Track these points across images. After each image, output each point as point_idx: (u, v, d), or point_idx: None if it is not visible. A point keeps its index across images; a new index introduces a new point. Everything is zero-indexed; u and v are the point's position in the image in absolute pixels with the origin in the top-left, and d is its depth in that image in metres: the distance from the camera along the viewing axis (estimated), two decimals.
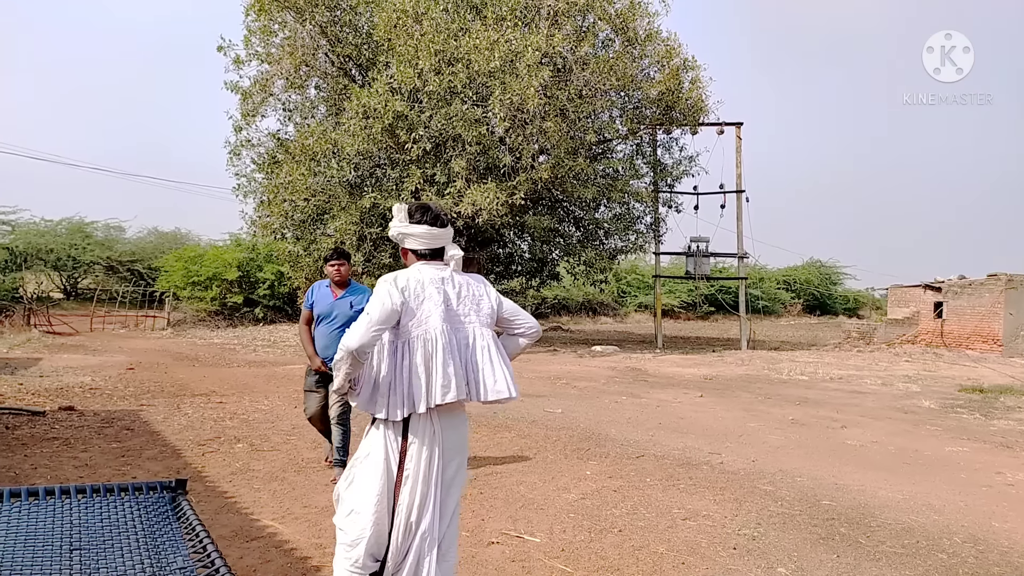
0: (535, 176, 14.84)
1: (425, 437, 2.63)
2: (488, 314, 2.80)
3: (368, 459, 2.67)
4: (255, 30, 16.53)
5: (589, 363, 14.84)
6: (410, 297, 2.66)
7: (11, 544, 2.62)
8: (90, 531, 2.82)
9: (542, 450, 6.61)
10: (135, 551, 2.68)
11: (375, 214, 15.48)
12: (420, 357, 2.61)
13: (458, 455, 2.75)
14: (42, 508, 2.99)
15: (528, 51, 14.19)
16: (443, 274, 2.77)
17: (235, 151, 17.09)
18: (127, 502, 3.19)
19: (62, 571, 2.47)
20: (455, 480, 2.74)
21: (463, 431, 2.80)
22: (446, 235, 2.84)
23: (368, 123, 14.33)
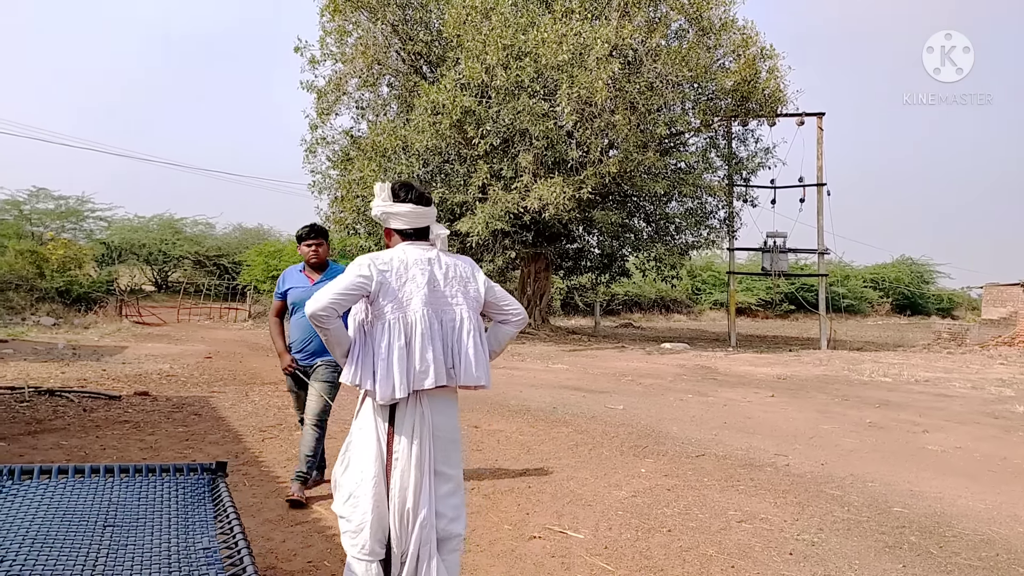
0: (603, 170, 14.63)
1: (413, 421, 2.55)
2: (475, 297, 2.69)
3: (360, 441, 2.60)
4: (330, 31, 16.92)
5: (657, 360, 14.53)
6: (392, 277, 2.57)
7: (49, 518, 2.71)
8: (126, 509, 2.89)
9: (598, 446, 6.47)
10: (165, 530, 2.73)
11: (443, 209, 15.58)
12: (401, 341, 2.53)
13: (449, 440, 2.65)
14: (86, 485, 3.08)
15: (597, 44, 14.00)
16: (429, 254, 2.67)
17: (311, 149, 17.55)
18: (167, 482, 3.26)
19: (92, 546, 2.53)
20: (448, 463, 2.64)
21: (453, 415, 2.70)
22: (430, 214, 2.75)
23: (437, 119, 14.44)
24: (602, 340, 18.19)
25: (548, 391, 9.67)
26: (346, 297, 2.51)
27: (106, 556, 2.43)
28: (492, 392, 9.30)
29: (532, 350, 15.06)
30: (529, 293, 18.49)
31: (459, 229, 14.65)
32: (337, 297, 2.49)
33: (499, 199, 14.23)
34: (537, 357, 13.93)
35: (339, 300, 2.50)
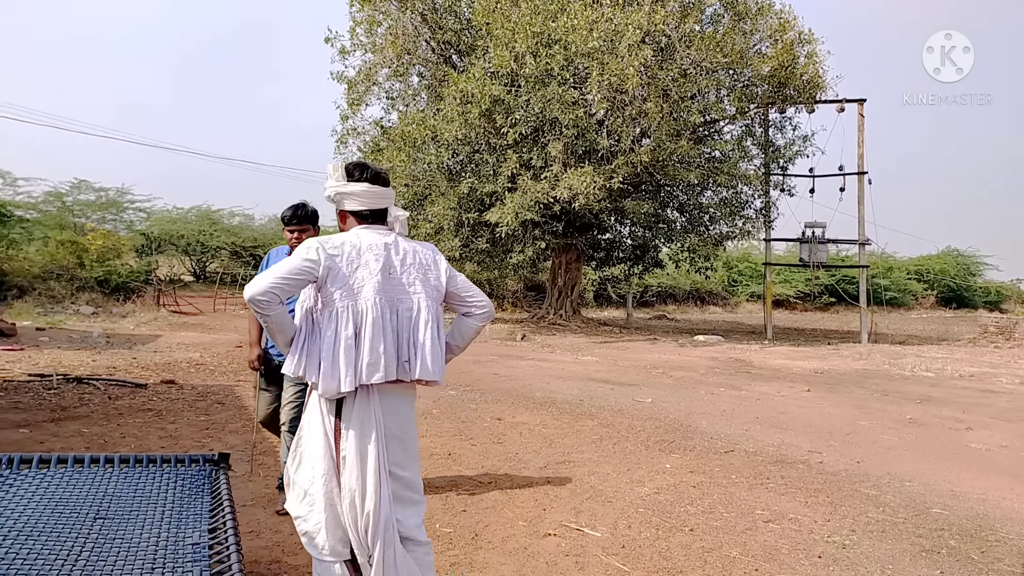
0: (634, 159, 14.35)
1: (363, 416, 2.37)
2: (435, 286, 2.53)
3: (310, 437, 2.43)
4: (360, 21, 16.90)
5: (690, 353, 14.25)
6: (342, 262, 2.39)
7: (40, 508, 2.64)
8: (120, 501, 2.81)
9: (622, 440, 6.29)
10: (156, 523, 2.64)
11: (473, 199, 15.48)
12: (348, 330, 2.35)
13: (401, 439, 2.45)
14: (83, 476, 3.01)
15: (629, 30, 13.71)
16: (386, 239, 2.49)
17: (342, 139, 17.58)
18: (167, 473, 3.18)
19: (79, 538, 2.44)
20: (400, 464, 2.45)
21: (408, 412, 2.51)
22: (388, 195, 2.55)
23: (466, 108, 14.31)
24: (634, 332, 17.93)
25: (576, 383, 9.51)
26: (289, 282, 2.33)
27: (91, 550, 2.35)
28: (518, 384, 9.17)
29: (562, 341, 14.89)
30: (560, 284, 18.31)
31: (488, 219, 14.53)
32: (279, 282, 2.31)
33: (529, 189, 14.06)
34: (567, 349, 13.76)
35: (280, 285, 2.32)
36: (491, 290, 22.62)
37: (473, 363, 11.00)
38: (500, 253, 16.85)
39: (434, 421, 6.67)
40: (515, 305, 22.38)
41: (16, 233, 20.88)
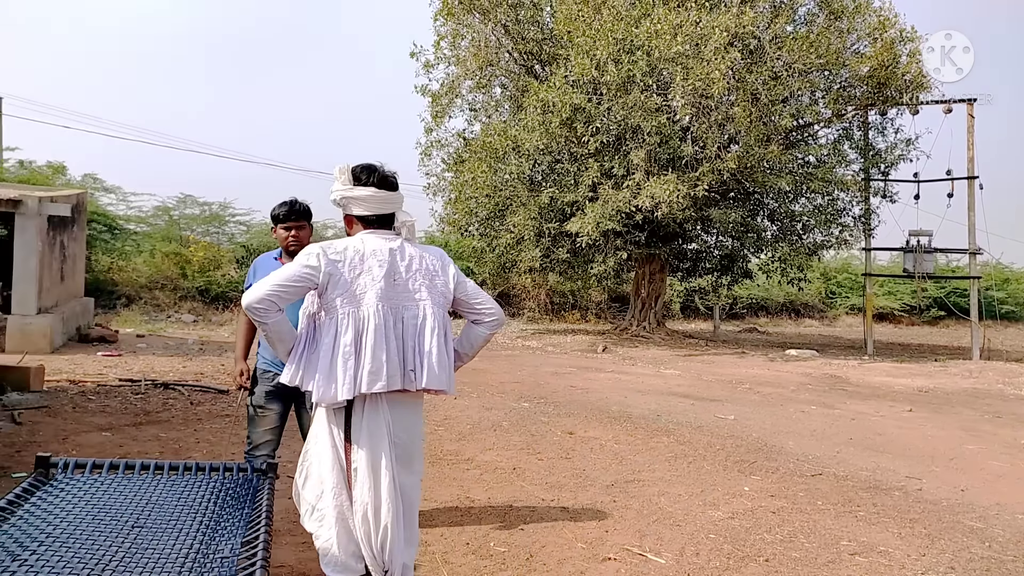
0: (720, 167, 13.85)
1: (372, 426, 2.31)
2: (442, 292, 2.44)
3: (317, 449, 2.38)
4: (444, 34, 17.10)
5: (780, 368, 13.57)
6: (344, 268, 2.33)
7: (81, 515, 2.64)
8: (160, 509, 2.78)
9: (699, 459, 5.97)
10: (192, 534, 2.59)
11: (553, 209, 15.32)
12: (350, 337, 2.28)
13: (411, 449, 2.40)
14: (131, 482, 3.03)
15: (715, 33, 13.28)
16: (391, 244, 2.42)
17: (426, 152, 17.82)
18: (213, 482, 3.15)
19: (111, 547, 2.42)
20: (409, 476, 2.40)
21: (416, 421, 2.45)
22: (396, 199, 2.49)
23: (546, 118, 14.21)
24: (721, 345, 17.29)
25: (654, 397, 9.18)
26: (288, 289, 2.29)
27: (120, 559, 2.32)
28: (594, 397, 8.93)
29: (644, 354, 14.51)
30: (643, 295, 17.88)
31: (569, 229, 14.34)
32: (277, 289, 2.27)
33: (610, 198, 13.80)
34: (648, 361, 13.38)
35: (279, 293, 2.28)
36: (574, 301, 22.37)
37: (551, 375, 10.82)
38: (581, 263, 16.61)
39: (503, 434, 6.54)
40: (599, 316, 22.04)
41: (129, 245, 22.22)
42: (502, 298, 21.74)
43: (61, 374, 8.29)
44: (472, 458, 5.60)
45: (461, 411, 7.50)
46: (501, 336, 17.14)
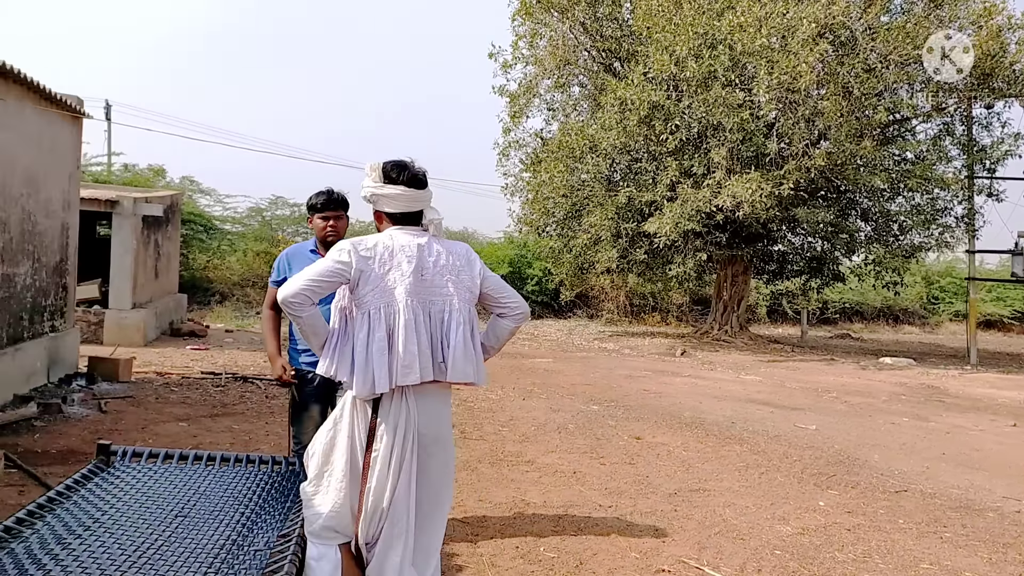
0: (808, 164, 13.25)
1: (397, 417, 2.36)
2: (468, 287, 2.49)
3: (334, 433, 2.45)
4: (522, 34, 17.08)
5: (871, 376, 12.86)
6: (375, 264, 2.38)
7: (131, 502, 2.70)
8: (206, 499, 2.83)
9: (772, 470, 5.69)
10: (232, 525, 2.62)
11: (631, 209, 15.05)
12: (381, 331, 2.34)
13: (438, 441, 2.45)
14: (183, 472, 3.11)
15: (803, 24, 12.73)
16: (419, 240, 2.47)
17: (503, 152, 17.84)
18: (260, 474, 3.20)
19: (152, 534, 2.46)
20: (435, 469, 2.45)
21: (443, 413, 2.50)
22: (425, 197, 2.53)
23: (624, 116, 13.96)
24: (808, 351, 16.55)
25: (731, 404, 8.85)
26: (320, 284, 2.36)
27: (159, 547, 2.35)
28: (667, 401, 8.69)
29: (725, 359, 14.04)
30: (725, 298, 17.31)
31: (646, 230, 14.04)
32: (310, 284, 2.34)
33: (689, 197, 13.41)
34: (729, 366, 12.94)
35: (312, 287, 2.35)
36: (654, 303, 21.93)
37: (624, 378, 10.61)
38: (659, 265, 16.23)
39: (567, 436, 6.43)
40: (680, 319, 21.51)
41: (224, 245, 23.29)
42: (580, 299, 21.56)
43: (150, 366, 8.72)
44: (533, 460, 5.52)
45: (527, 412, 7.44)
46: (577, 338, 16.99)
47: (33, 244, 6.45)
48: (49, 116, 6.73)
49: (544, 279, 20.84)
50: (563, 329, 18.89)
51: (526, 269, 21.57)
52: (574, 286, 19.48)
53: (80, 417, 5.79)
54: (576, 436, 6.47)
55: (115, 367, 7.27)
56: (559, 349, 14.57)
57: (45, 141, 6.67)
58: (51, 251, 6.92)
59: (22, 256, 6.22)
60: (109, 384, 7.07)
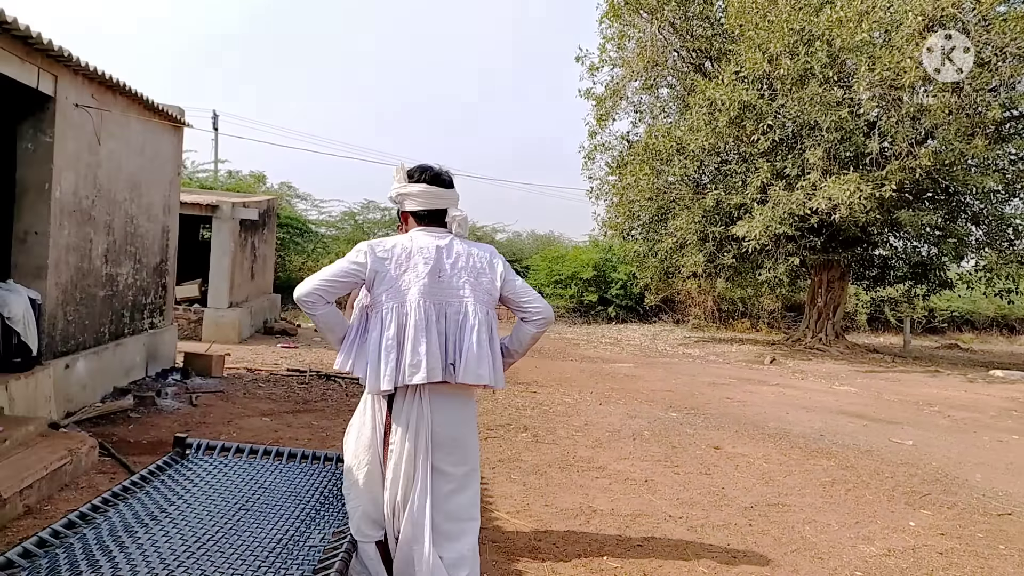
0: (912, 164, 12.51)
1: (410, 415, 2.38)
2: (488, 289, 2.48)
3: (358, 425, 2.53)
4: (610, 36, 16.93)
5: (980, 390, 12.00)
6: (391, 265, 2.42)
7: (198, 494, 2.81)
8: (271, 494, 2.91)
9: (860, 487, 5.39)
10: (291, 520, 2.68)
11: (719, 212, 14.63)
12: (391, 331, 2.36)
13: (455, 442, 2.44)
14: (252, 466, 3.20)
15: (908, 17, 12.05)
16: (439, 242, 2.49)
17: (589, 156, 17.71)
18: (326, 471, 3.28)
19: (214, 527, 2.55)
20: (453, 471, 2.44)
21: (459, 413, 2.47)
22: (448, 196, 2.56)
23: (713, 117, 13.60)
24: (911, 362, 15.61)
25: (821, 415, 8.45)
26: (335, 284, 2.42)
27: (219, 539, 2.43)
28: (751, 411, 8.38)
29: (818, 368, 13.43)
30: (820, 305, 16.56)
31: (735, 233, 13.61)
32: (325, 284, 2.41)
33: (780, 200, 12.91)
34: (822, 376, 12.37)
35: (327, 287, 2.41)
36: (744, 309, 21.24)
37: (707, 385, 10.32)
38: (749, 269, 15.70)
39: (642, 443, 6.29)
40: (771, 326, 20.73)
41: (320, 248, 24.20)
42: (665, 304, 21.15)
43: (242, 362, 9.12)
44: (604, 466, 5.43)
45: (603, 417, 7.33)
46: (661, 343, 16.65)
47: (135, 246, 6.87)
48: (152, 126, 7.15)
49: (628, 283, 20.56)
50: (647, 334, 18.57)
51: (610, 273, 21.35)
52: (659, 290, 19.12)
53: (172, 410, 6.11)
54: (651, 443, 6.32)
55: (208, 363, 7.64)
56: (641, 354, 14.32)
57: (148, 149, 7.10)
58: (152, 252, 7.35)
59: (124, 257, 6.64)
60: (202, 379, 7.43)
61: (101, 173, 6.04)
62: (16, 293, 4.86)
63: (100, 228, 6.08)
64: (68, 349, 5.64)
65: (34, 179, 5.18)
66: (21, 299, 4.85)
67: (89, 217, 5.86)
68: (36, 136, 5.18)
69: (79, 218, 5.68)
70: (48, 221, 5.20)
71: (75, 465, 4.13)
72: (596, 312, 21.44)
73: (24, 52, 4.79)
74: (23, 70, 4.82)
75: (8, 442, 3.98)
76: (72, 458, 4.10)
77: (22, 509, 3.57)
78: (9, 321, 4.76)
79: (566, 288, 21.52)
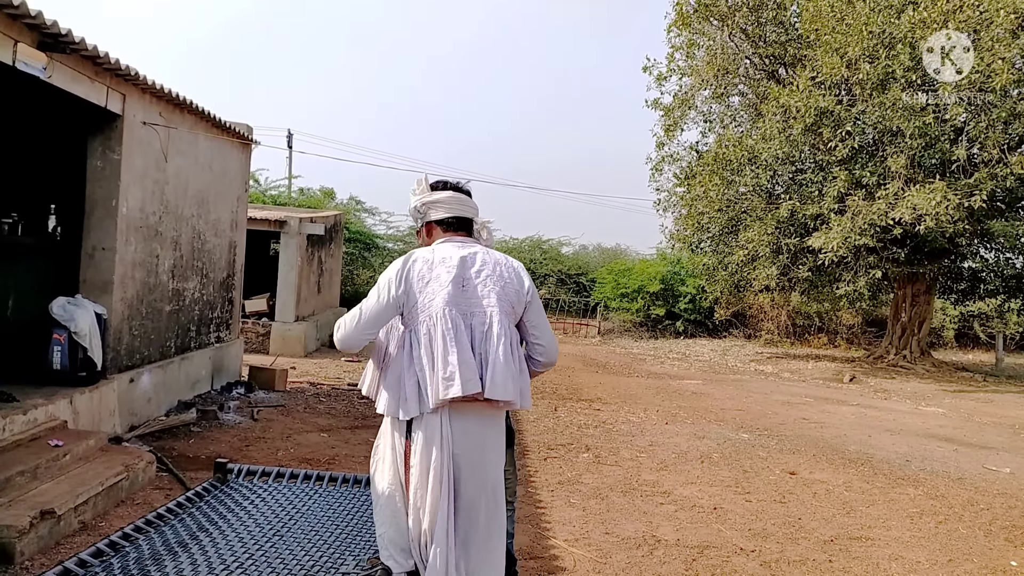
0: (1003, 172, 11.73)
1: (430, 436, 2.17)
2: (512, 301, 2.28)
3: (379, 450, 2.37)
4: (678, 45, 16.57)
5: None
6: (414, 281, 2.26)
7: (231, 520, 2.72)
8: (306, 519, 2.78)
9: (952, 519, 4.94)
10: (323, 546, 2.54)
11: (793, 223, 14.05)
12: (424, 346, 2.19)
13: (481, 465, 2.22)
14: (292, 491, 3.09)
15: (999, 16, 11.33)
16: (463, 252, 2.32)
17: (657, 167, 17.35)
18: (365, 495, 3.13)
19: (246, 552, 2.43)
20: (477, 496, 2.21)
21: (485, 436, 2.24)
22: (473, 204, 2.48)
23: (787, 125, 13.09)
24: (1005, 381, 14.58)
25: (906, 439, 7.91)
26: (375, 328, 2.30)
27: (249, 566, 2.32)
28: (830, 433, 7.91)
29: (902, 387, 12.67)
30: (904, 320, 15.66)
31: (811, 245, 13.01)
32: (366, 327, 2.29)
33: (860, 210, 12.27)
34: (906, 396, 11.65)
35: (371, 333, 2.30)
36: (821, 324, 20.34)
37: (781, 404, 9.83)
38: (826, 283, 14.99)
39: (711, 467, 5.97)
40: (850, 342, 19.77)
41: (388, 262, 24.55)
42: (736, 318, 20.46)
43: (306, 376, 9.19)
44: (670, 491, 5.15)
45: (669, 438, 7.02)
46: (732, 359, 16.08)
47: (202, 261, 6.99)
48: (220, 143, 7.29)
49: (698, 297, 19.99)
50: (717, 349, 17.99)
51: (679, 287, 20.83)
52: (729, 304, 18.53)
53: (233, 424, 6.15)
54: (720, 467, 5.99)
55: (272, 377, 7.70)
56: (710, 371, 13.83)
57: (216, 165, 7.23)
58: (219, 267, 7.47)
59: (191, 272, 6.75)
60: (265, 393, 7.49)
61: (168, 189, 6.16)
62: (83, 308, 4.96)
63: (167, 243, 6.20)
64: (133, 363, 5.73)
65: (102, 195, 5.30)
66: (88, 314, 4.95)
67: (156, 233, 5.98)
68: (104, 153, 5.30)
69: (146, 234, 5.80)
70: (115, 237, 5.31)
71: (131, 481, 4.14)
72: (664, 327, 20.94)
73: (93, 72, 4.91)
74: (92, 89, 4.94)
75: (68, 456, 4.02)
76: (129, 474, 4.11)
77: (77, 525, 3.58)
78: (76, 336, 4.85)
79: (632, 302, 21.11)
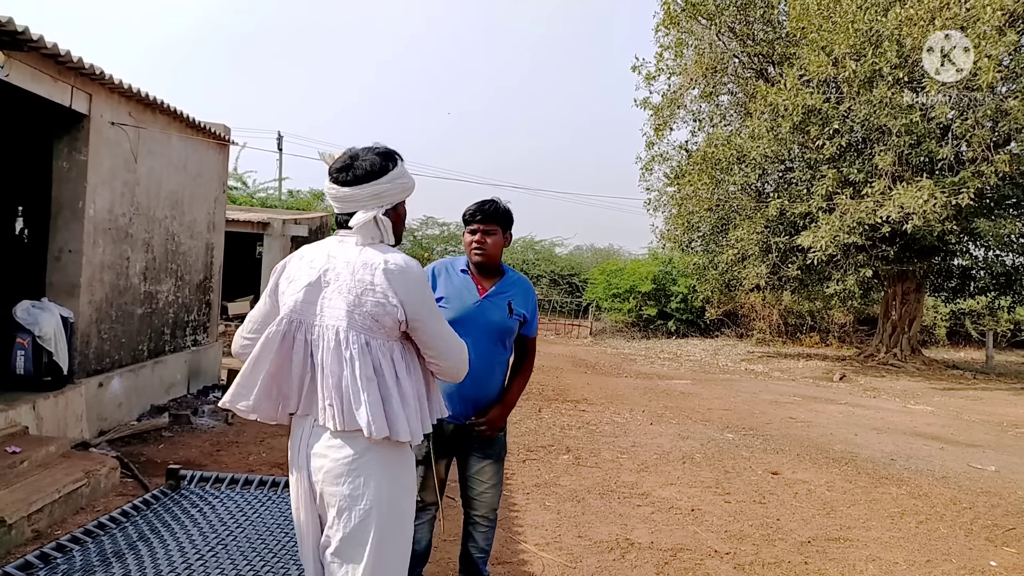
0: (988, 169, 11.69)
1: (294, 455, 1.94)
2: (371, 313, 1.81)
3: None
4: (667, 45, 16.52)
5: None
6: (282, 281, 1.96)
7: (177, 529, 2.63)
8: (256, 525, 2.61)
9: (933, 518, 4.88)
10: (270, 554, 2.41)
11: (782, 222, 14.00)
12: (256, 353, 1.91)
13: (345, 508, 1.83)
14: (243, 498, 2.96)
15: (986, 13, 11.29)
16: (332, 249, 1.92)
17: (647, 167, 17.31)
18: None
19: (185, 562, 2.36)
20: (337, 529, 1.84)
21: (347, 461, 1.83)
22: (352, 196, 1.90)
23: (775, 123, 13.05)
24: (995, 378, 14.55)
25: (892, 437, 7.85)
26: (258, 322, 2.01)
27: (194, 572, 2.26)
28: (816, 432, 7.84)
29: (891, 385, 12.62)
30: (894, 317, 15.62)
31: (800, 244, 12.96)
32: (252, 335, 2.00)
33: (848, 208, 12.23)
34: (895, 394, 11.60)
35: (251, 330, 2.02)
36: (812, 323, 20.32)
37: (768, 403, 9.77)
38: (815, 281, 14.95)
39: (692, 467, 5.89)
40: (842, 341, 19.75)
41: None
42: (727, 318, 20.42)
43: None
44: (648, 493, 5.07)
45: (652, 438, 6.94)
46: (722, 358, 16.02)
47: (176, 263, 6.89)
48: (195, 143, 7.19)
49: (689, 296, 19.95)
50: (708, 349, 17.93)
51: (670, 286, 20.77)
52: (721, 304, 18.49)
53: (206, 428, 6.05)
54: (702, 467, 5.92)
55: None
56: (700, 370, 13.76)
57: (191, 167, 7.13)
58: (195, 270, 7.37)
59: (165, 274, 6.65)
60: None
61: (139, 191, 6.06)
62: (48, 311, 4.86)
63: (138, 246, 6.10)
64: (103, 367, 5.63)
65: (68, 197, 5.20)
66: (53, 317, 4.85)
67: (126, 235, 5.88)
68: (71, 154, 5.21)
69: (115, 236, 5.70)
70: (82, 239, 5.21)
71: (93, 487, 4.04)
72: (655, 327, 20.87)
73: (56, 71, 4.81)
74: (55, 89, 4.84)
75: (26, 463, 3.92)
76: (89, 480, 4.01)
77: (30, 534, 3.48)
78: (40, 340, 4.76)
79: (624, 302, 21.05)
